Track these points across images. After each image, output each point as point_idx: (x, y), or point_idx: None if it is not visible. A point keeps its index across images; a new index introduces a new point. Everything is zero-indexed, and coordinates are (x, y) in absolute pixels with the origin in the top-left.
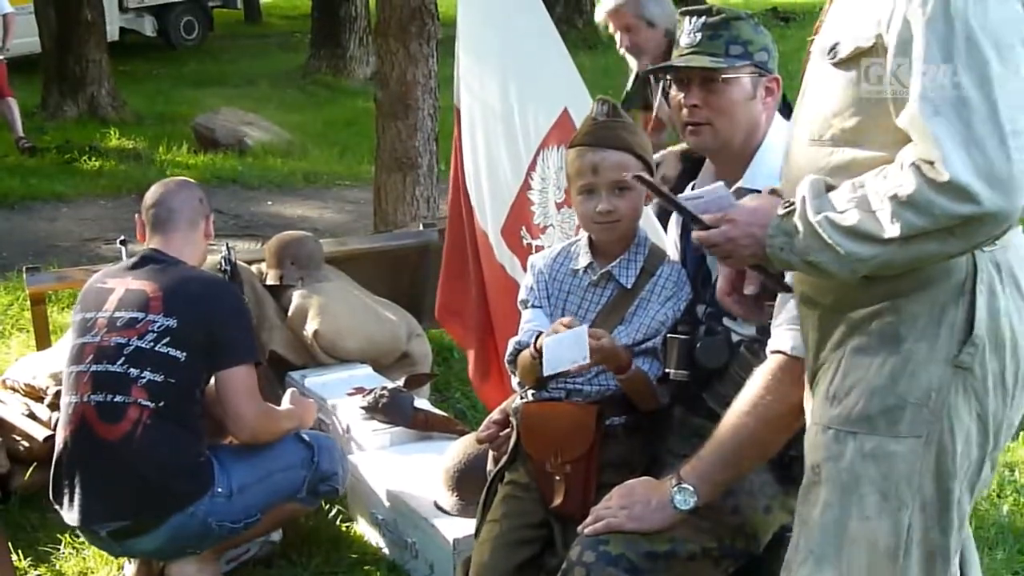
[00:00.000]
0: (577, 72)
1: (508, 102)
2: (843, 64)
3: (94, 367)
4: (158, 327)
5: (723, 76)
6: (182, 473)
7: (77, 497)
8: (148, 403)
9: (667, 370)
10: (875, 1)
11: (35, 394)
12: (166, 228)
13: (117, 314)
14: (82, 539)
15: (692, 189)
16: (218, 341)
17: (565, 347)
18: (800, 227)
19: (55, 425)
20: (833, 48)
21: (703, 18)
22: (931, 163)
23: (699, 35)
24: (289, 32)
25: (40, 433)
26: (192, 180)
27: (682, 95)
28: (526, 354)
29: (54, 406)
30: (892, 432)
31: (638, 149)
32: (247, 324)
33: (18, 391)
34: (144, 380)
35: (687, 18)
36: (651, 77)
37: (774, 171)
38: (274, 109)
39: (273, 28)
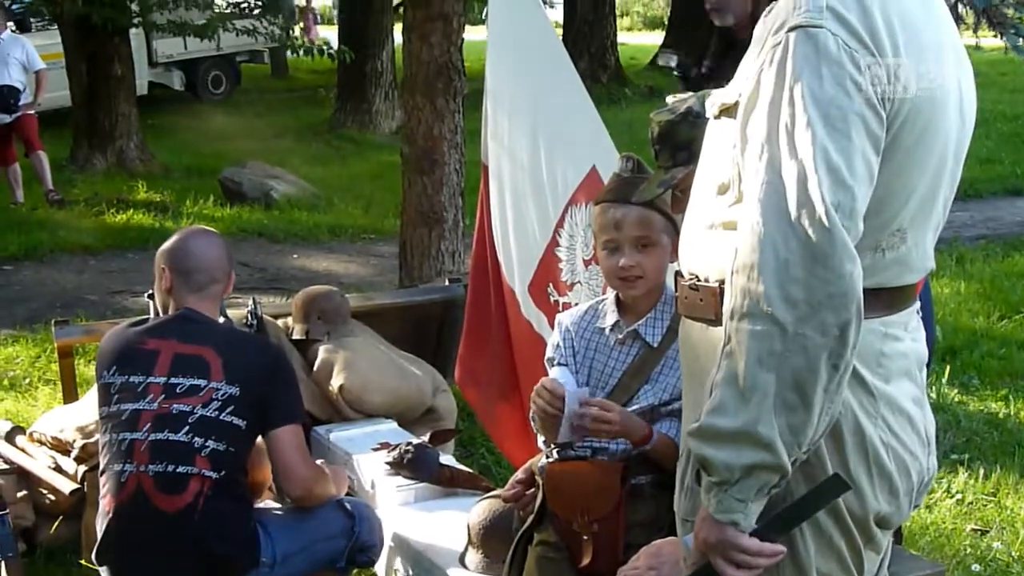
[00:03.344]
0: (605, 129)
1: (536, 159)
2: (717, 117)
3: (154, 435)
4: (222, 395)
5: None
6: (240, 544)
7: (133, 570)
8: (211, 473)
9: None
10: (745, 61)
11: (62, 447)
12: (196, 284)
13: (175, 380)
14: None
15: None
16: (272, 403)
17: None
18: (715, 480)
19: (81, 479)
20: (714, 103)
21: None
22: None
23: None
24: (315, 86)
25: (66, 486)
26: (214, 231)
27: None
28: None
29: (80, 459)
30: None
31: (662, 205)
32: (297, 384)
33: (45, 444)
34: (208, 449)
35: None
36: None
37: None
38: (300, 162)
39: (300, 82)
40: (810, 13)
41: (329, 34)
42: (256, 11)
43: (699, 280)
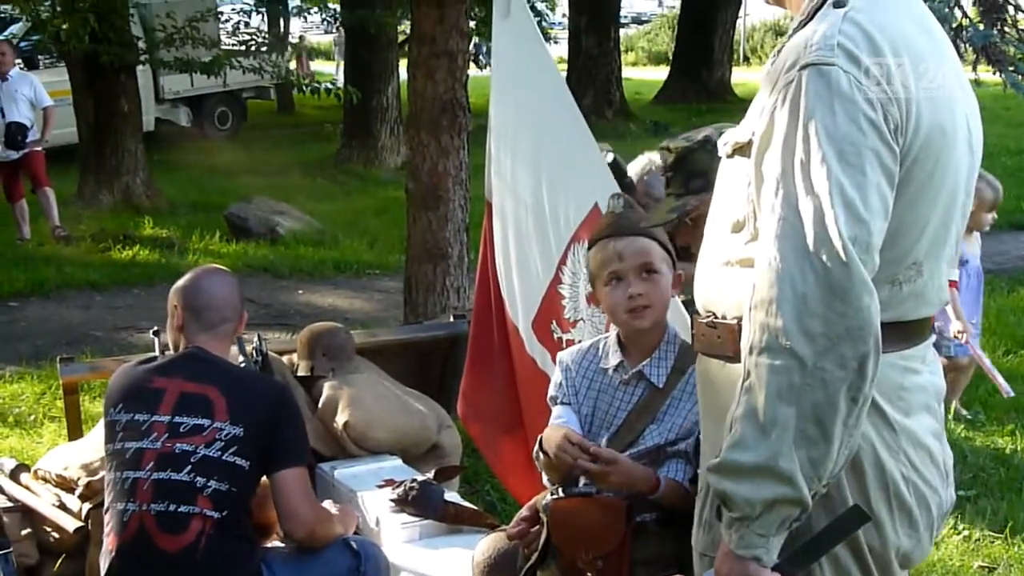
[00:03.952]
0: (607, 167)
1: (539, 196)
2: (730, 157)
3: (156, 475)
4: (226, 435)
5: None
6: None
7: None
8: (213, 513)
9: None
10: (758, 99)
11: (66, 485)
12: (206, 323)
13: (178, 419)
14: None
15: None
16: (276, 445)
17: None
18: (735, 516)
19: (86, 516)
20: (727, 142)
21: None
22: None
23: None
24: (321, 122)
25: (70, 524)
26: (227, 270)
27: None
28: (563, 443)
29: (85, 497)
30: None
31: (660, 237)
32: (303, 426)
33: (49, 481)
34: (210, 489)
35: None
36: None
37: None
38: (306, 198)
39: (306, 118)
40: (821, 51)
41: (330, 70)
42: (263, 48)
43: (716, 317)
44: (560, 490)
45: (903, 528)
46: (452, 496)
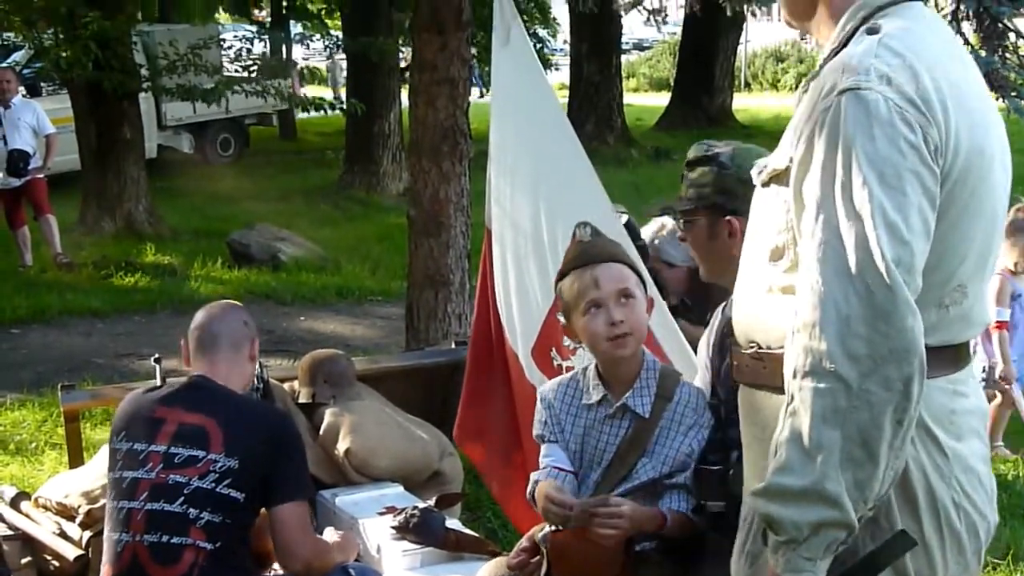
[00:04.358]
0: (605, 194)
1: (538, 223)
2: (766, 185)
3: (150, 505)
4: (220, 467)
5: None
6: None
7: None
8: (206, 544)
9: (702, 502)
10: (792, 126)
11: (67, 513)
12: (211, 352)
13: (174, 450)
14: None
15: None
16: (274, 478)
17: None
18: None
19: (86, 544)
20: (761, 170)
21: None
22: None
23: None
24: (323, 148)
25: (71, 553)
26: (237, 303)
27: None
28: (547, 504)
29: (85, 525)
30: None
31: (629, 260)
32: (304, 460)
33: (50, 509)
34: (203, 521)
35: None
36: None
37: None
38: (308, 224)
39: (308, 144)
40: (859, 76)
41: (325, 95)
42: (262, 71)
43: (761, 348)
44: None
45: (952, 554)
46: (453, 523)
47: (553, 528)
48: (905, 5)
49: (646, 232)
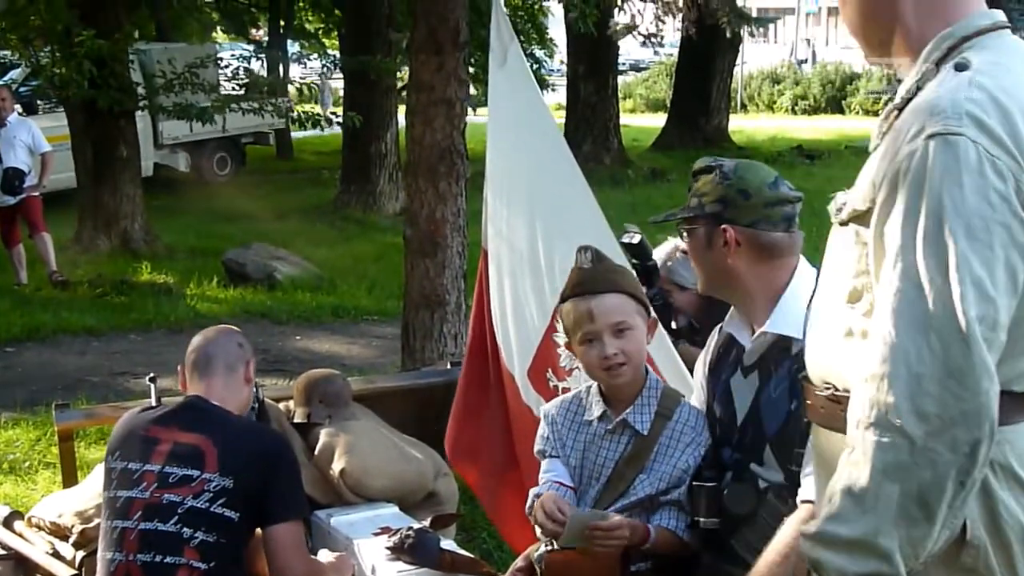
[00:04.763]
0: (601, 213)
1: (534, 244)
2: (844, 224)
3: (143, 525)
4: (214, 487)
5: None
6: None
7: None
8: (200, 564)
9: (696, 518)
10: (874, 166)
11: (60, 532)
12: (207, 374)
13: (169, 469)
14: None
15: (720, 332)
16: (269, 498)
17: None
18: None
19: (80, 564)
20: (840, 208)
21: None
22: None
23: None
24: (320, 167)
25: (64, 572)
26: (234, 327)
27: None
28: (544, 521)
29: (79, 545)
30: None
31: (630, 289)
32: (299, 480)
33: (43, 529)
34: (197, 541)
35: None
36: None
37: (799, 317)
38: (304, 243)
39: (304, 164)
40: (949, 120)
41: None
42: (255, 86)
43: (837, 390)
44: (554, 542)
45: None
46: (448, 544)
47: (549, 548)
48: (995, 34)
49: (659, 253)
